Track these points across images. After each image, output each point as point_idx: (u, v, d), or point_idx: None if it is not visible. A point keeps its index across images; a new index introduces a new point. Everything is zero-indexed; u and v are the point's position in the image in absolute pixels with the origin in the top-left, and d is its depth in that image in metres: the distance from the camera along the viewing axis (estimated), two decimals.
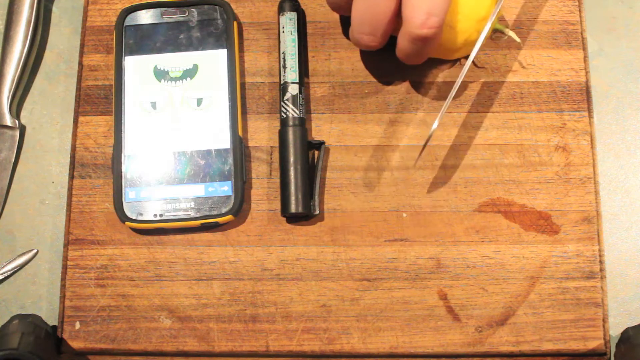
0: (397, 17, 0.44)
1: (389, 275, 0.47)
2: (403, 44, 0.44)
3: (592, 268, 0.47)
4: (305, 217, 0.48)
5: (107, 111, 0.50)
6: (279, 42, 0.50)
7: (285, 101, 0.49)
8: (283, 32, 0.50)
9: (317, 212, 0.48)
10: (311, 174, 0.49)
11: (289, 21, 0.50)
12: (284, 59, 0.50)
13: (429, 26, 0.42)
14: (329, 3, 0.47)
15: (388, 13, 0.44)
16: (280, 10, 0.50)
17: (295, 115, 0.49)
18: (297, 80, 0.49)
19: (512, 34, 0.48)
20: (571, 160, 0.49)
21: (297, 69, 0.49)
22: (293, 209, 0.47)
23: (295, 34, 0.50)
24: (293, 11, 0.50)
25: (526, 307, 0.47)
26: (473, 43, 0.46)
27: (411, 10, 0.42)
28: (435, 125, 0.45)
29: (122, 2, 0.52)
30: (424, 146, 0.46)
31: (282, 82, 0.49)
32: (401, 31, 0.44)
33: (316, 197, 0.48)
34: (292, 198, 0.47)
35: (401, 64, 0.47)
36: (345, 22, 0.51)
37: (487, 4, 0.46)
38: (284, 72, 0.49)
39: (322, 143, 0.49)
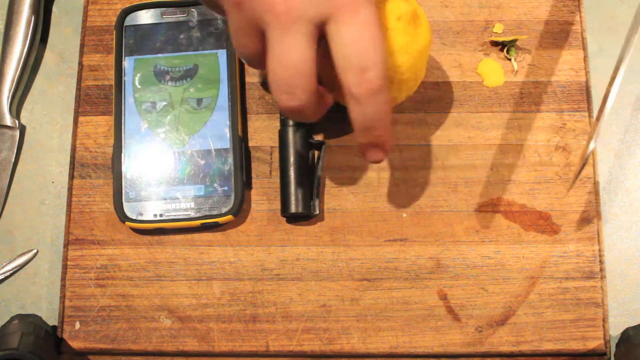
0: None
1: (389, 275, 0.47)
2: (350, 110, 0.37)
3: (592, 268, 0.47)
4: (305, 217, 0.48)
5: (107, 111, 0.50)
6: None
7: None
8: None
9: (317, 212, 0.48)
10: (311, 174, 0.49)
11: None
12: None
13: (367, 82, 0.34)
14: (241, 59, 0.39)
15: (306, 67, 0.35)
16: None
17: None
18: None
19: (514, 64, 0.49)
20: (571, 160, 0.49)
21: None
22: (293, 209, 0.47)
23: None
24: None
25: (526, 307, 0.47)
26: (412, 93, 0.45)
27: (342, 69, 0.35)
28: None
29: (122, 2, 0.52)
30: None
31: None
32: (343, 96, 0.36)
33: (316, 197, 0.48)
34: (292, 198, 0.47)
35: None
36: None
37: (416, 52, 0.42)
38: None
39: (322, 143, 0.49)
